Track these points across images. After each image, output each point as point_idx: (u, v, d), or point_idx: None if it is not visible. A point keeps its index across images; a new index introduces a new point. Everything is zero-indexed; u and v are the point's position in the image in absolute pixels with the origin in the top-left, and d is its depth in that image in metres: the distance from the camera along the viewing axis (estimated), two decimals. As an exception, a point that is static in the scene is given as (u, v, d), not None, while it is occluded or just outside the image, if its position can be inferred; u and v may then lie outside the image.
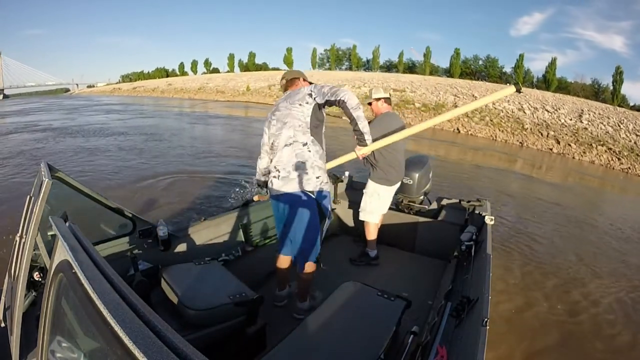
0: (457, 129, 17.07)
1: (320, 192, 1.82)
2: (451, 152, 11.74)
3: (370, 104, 2.63)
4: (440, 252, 2.73)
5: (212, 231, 2.22)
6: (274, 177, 1.82)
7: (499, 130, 16.49)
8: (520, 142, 15.27)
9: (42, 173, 1.16)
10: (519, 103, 19.68)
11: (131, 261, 1.69)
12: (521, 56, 42.78)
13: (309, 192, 1.78)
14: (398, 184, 2.66)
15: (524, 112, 18.37)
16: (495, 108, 18.71)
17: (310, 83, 1.95)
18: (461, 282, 1.99)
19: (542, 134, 15.74)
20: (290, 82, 1.97)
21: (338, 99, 1.72)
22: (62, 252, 0.69)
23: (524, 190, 7.53)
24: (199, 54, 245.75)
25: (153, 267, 1.77)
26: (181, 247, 2.03)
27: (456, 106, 19.85)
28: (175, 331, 0.47)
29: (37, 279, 1.31)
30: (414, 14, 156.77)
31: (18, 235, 1.20)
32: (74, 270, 0.60)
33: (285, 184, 1.78)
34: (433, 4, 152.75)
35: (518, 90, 1.86)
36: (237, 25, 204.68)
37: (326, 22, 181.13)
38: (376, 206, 2.63)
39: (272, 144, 1.87)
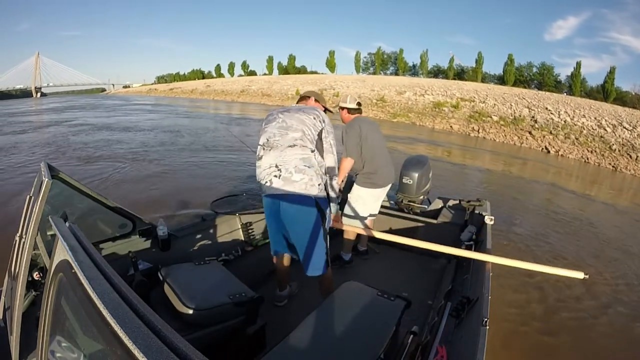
0: (546, 148, 15.50)
1: (322, 198, 1.77)
2: (542, 174, 10.39)
3: (342, 108, 2.57)
4: (441, 252, 2.72)
5: (212, 231, 2.22)
6: (274, 176, 1.71)
7: (588, 150, 14.78)
8: (614, 166, 13.17)
9: (42, 173, 1.15)
10: (596, 119, 17.95)
11: (131, 261, 1.69)
12: (578, 64, 39.42)
13: (312, 195, 1.71)
14: (386, 188, 2.54)
15: (605, 129, 16.58)
16: (575, 124, 17.37)
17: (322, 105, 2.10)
18: (461, 282, 2.00)
19: (631, 157, 13.65)
20: (303, 98, 2.11)
21: (326, 156, 1.82)
22: (62, 252, 0.69)
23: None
24: (233, 56, 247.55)
25: (153, 267, 1.77)
26: (181, 247, 2.03)
27: (535, 120, 18.44)
28: (175, 331, 0.47)
29: (37, 279, 1.31)
30: (444, 18, 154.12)
31: (18, 235, 1.19)
32: (74, 270, 0.60)
33: (286, 184, 1.69)
34: (465, 9, 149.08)
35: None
36: (274, 27, 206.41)
37: (353, 26, 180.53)
38: (360, 211, 2.52)
39: (268, 140, 1.77)
